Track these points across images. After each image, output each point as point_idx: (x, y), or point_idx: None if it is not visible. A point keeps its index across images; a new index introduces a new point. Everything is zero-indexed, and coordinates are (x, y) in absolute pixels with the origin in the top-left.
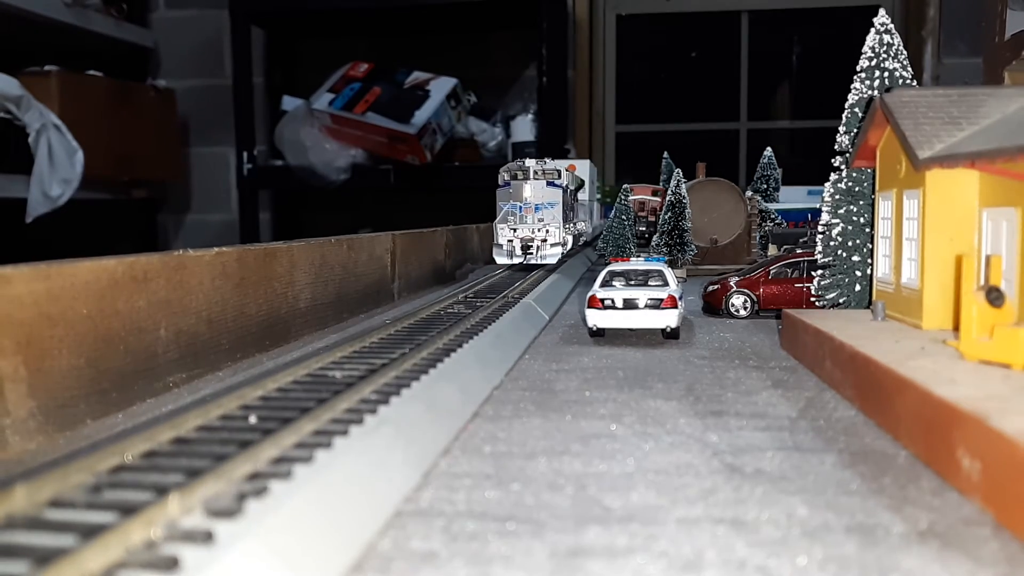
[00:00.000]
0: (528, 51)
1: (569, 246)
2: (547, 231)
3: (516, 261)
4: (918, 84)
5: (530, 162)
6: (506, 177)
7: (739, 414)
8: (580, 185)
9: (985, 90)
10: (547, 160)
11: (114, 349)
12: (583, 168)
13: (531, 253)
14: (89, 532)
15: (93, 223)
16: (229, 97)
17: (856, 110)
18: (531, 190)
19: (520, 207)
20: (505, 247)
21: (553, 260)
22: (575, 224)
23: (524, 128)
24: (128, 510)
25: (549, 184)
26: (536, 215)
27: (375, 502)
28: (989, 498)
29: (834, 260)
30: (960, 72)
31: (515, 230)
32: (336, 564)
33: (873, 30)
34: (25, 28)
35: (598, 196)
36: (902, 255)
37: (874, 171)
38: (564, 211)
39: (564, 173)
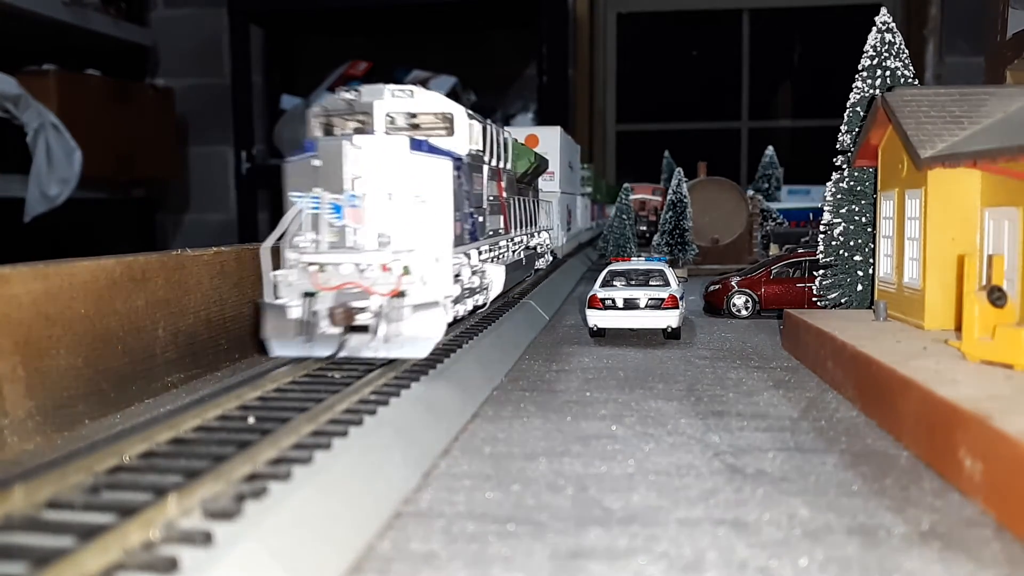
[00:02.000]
0: (528, 50)
1: (494, 293)
2: (402, 274)
3: (319, 354)
4: (920, 83)
5: (369, 92)
6: (318, 126)
7: (740, 415)
8: (537, 167)
9: (987, 89)
10: (414, 88)
11: (112, 349)
12: (550, 139)
13: (362, 331)
14: (87, 533)
15: (91, 222)
16: (228, 96)
17: (858, 109)
18: (364, 162)
19: (336, 207)
20: (291, 312)
21: (423, 350)
22: (521, 239)
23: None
24: (126, 511)
25: (418, 147)
26: (371, 228)
27: (374, 503)
28: (991, 499)
29: (836, 260)
30: (962, 71)
31: (321, 268)
32: (335, 565)
33: (875, 28)
34: (23, 27)
35: (588, 190)
36: (904, 255)
37: (876, 170)
38: (465, 216)
39: (466, 122)
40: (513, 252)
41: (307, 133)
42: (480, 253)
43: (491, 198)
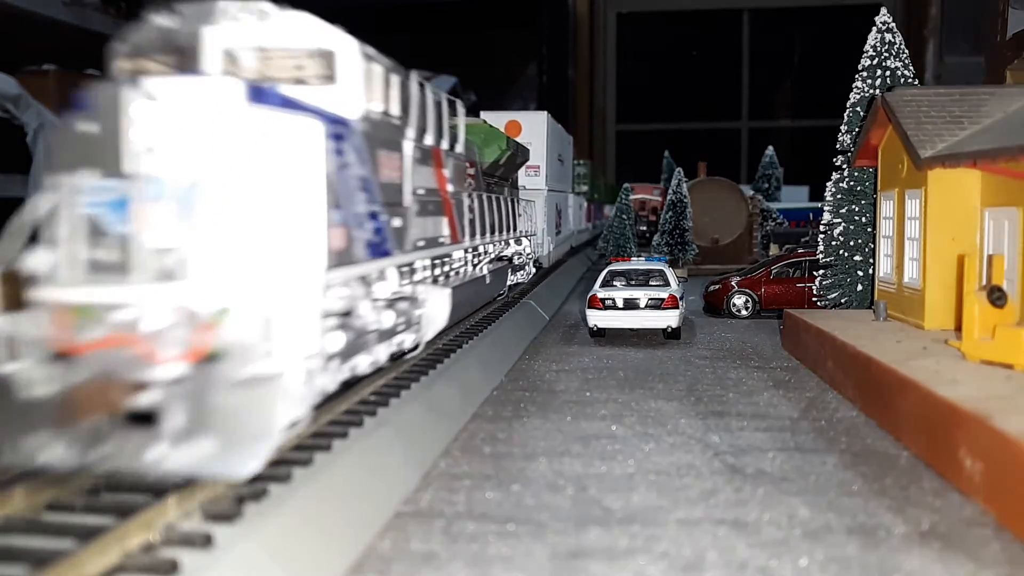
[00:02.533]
0: (528, 50)
1: (433, 328)
2: (210, 323)
3: (62, 462)
4: (920, 83)
5: (197, 14)
6: (123, 71)
7: (740, 415)
8: (512, 156)
9: (987, 89)
10: (267, 5)
11: None
12: (535, 126)
13: (143, 422)
14: (87, 535)
15: None
16: None
17: (858, 109)
18: (162, 123)
19: (115, 202)
20: (22, 387)
21: (245, 462)
22: (487, 249)
23: None
24: (126, 513)
25: (261, 97)
26: (164, 239)
27: (374, 504)
28: (991, 499)
29: (836, 260)
30: (962, 71)
31: (74, 312)
32: (336, 566)
33: (875, 29)
34: (23, 27)
35: (584, 188)
36: (904, 255)
37: (876, 170)
38: (358, 218)
39: (359, 65)
40: (474, 267)
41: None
42: (409, 273)
43: (421, 192)
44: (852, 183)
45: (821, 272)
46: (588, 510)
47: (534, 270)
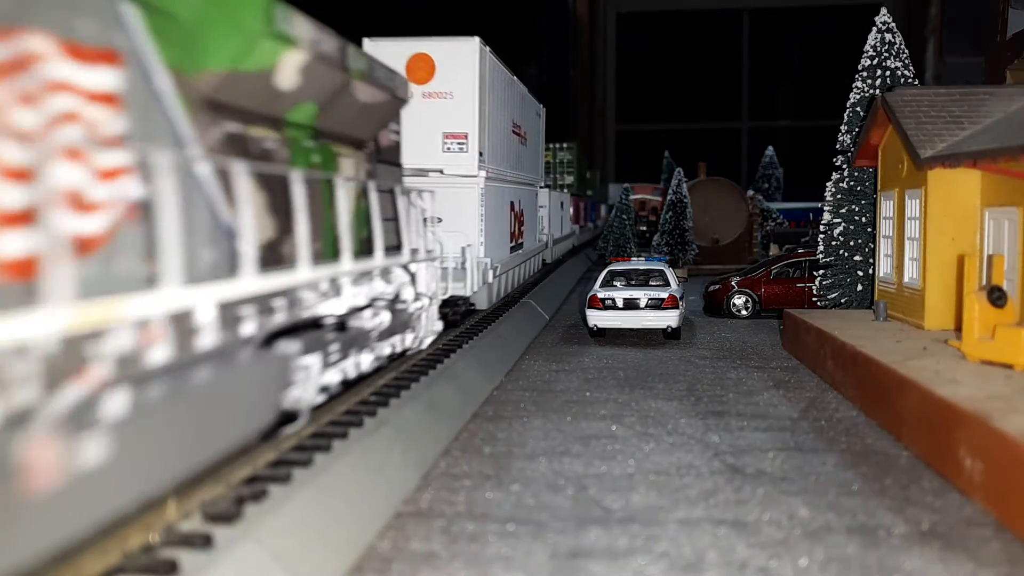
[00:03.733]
0: (529, 50)
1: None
2: None
3: None
4: (920, 83)
5: None
6: None
7: (740, 414)
8: (322, 71)
9: (987, 89)
10: None
11: None
12: (457, 63)
13: None
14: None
15: None
16: None
17: (858, 109)
18: None
19: None
20: None
21: None
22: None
23: None
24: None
25: None
26: None
27: (374, 504)
28: (991, 498)
29: (836, 260)
30: (962, 71)
31: None
32: (336, 566)
33: (875, 28)
34: None
35: (568, 179)
36: (904, 255)
37: (876, 170)
38: None
39: None
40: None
41: None
42: None
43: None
44: (852, 183)
45: (821, 272)
46: (588, 510)
47: (440, 326)
